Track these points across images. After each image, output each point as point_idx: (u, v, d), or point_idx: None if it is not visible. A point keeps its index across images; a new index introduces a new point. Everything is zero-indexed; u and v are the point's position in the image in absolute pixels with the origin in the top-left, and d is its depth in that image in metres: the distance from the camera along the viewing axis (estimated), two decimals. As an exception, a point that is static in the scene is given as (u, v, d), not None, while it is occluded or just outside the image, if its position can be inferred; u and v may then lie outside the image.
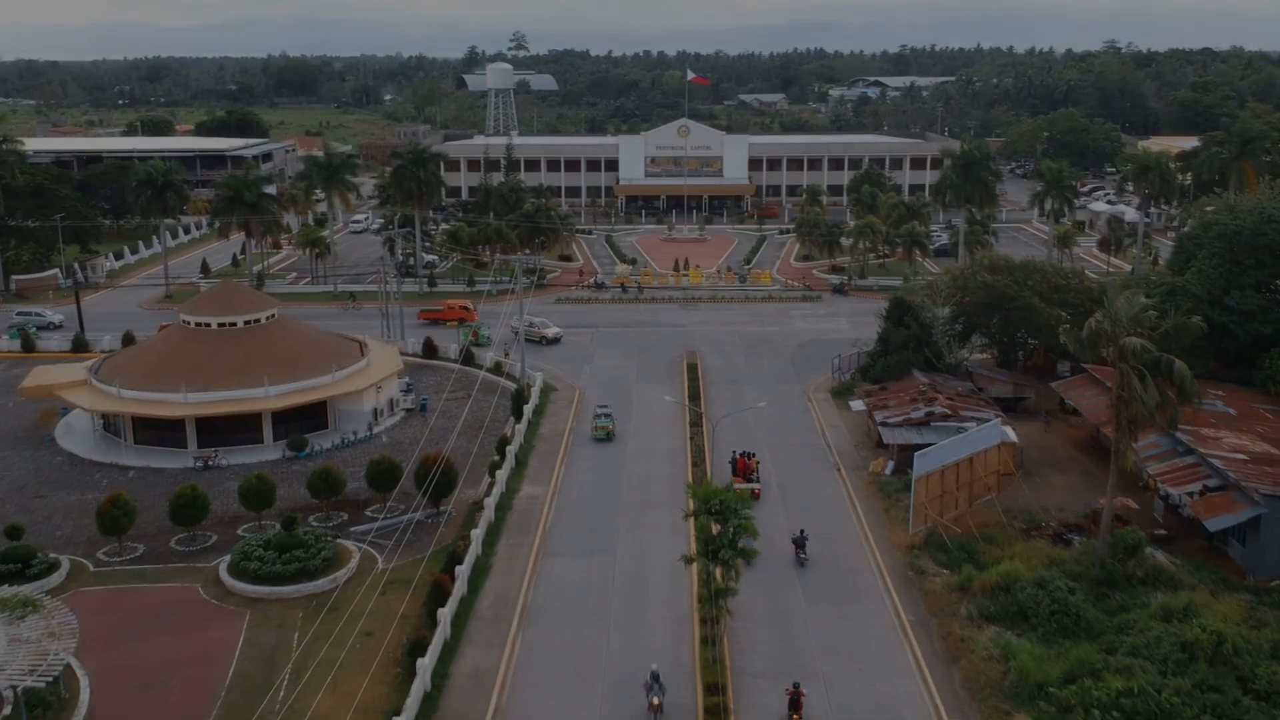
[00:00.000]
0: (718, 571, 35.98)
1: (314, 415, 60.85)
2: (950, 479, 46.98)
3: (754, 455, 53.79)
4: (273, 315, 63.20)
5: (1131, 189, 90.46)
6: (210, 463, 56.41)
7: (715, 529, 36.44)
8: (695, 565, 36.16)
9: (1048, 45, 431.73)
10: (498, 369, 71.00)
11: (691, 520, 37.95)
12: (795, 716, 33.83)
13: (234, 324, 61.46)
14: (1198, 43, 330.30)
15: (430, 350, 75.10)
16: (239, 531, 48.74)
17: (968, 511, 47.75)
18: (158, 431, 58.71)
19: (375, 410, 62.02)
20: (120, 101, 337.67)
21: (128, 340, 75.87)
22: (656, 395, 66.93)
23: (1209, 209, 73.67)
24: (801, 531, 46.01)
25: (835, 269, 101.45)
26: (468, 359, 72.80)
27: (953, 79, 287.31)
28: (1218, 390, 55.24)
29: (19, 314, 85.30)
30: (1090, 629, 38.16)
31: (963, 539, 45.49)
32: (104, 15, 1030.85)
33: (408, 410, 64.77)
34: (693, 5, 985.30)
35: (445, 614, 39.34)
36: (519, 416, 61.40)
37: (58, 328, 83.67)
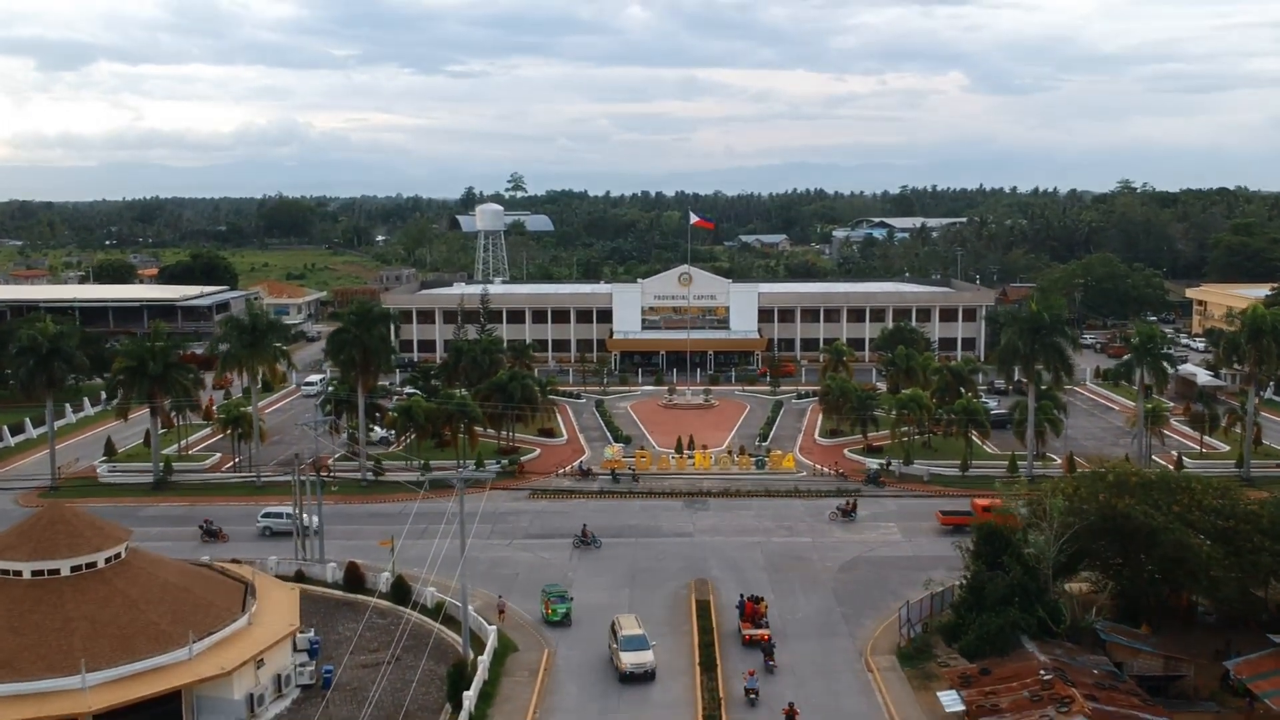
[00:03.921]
0: None
1: (164, 704, 42.20)
2: None
3: (762, 599, 51.75)
4: (119, 555, 45.16)
5: (1237, 358, 73.61)
6: (-17, 798, 37.56)
7: None
8: None
9: (1049, 185, 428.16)
10: (438, 610, 52.55)
11: None
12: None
13: (56, 571, 43.36)
14: (1189, 183, 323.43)
15: (355, 580, 56.64)
16: None
17: None
18: (-77, 738, 40.09)
19: (252, 697, 43.26)
20: (108, 242, 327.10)
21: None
22: (656, 655, 48.43)
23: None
24: (769, 639, 47.27)
25: (871, 449, 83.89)
26: (400, 594, 54.38)
27: (963, 220, 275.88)
28: None
29: (265, 515, 66.84)
30: None
31: None
32: (115, 158, 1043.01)
33: (304, 688, 45.99)
34: (691, 146, 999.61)
35: None
36: (456, 707, 42.67)
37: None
